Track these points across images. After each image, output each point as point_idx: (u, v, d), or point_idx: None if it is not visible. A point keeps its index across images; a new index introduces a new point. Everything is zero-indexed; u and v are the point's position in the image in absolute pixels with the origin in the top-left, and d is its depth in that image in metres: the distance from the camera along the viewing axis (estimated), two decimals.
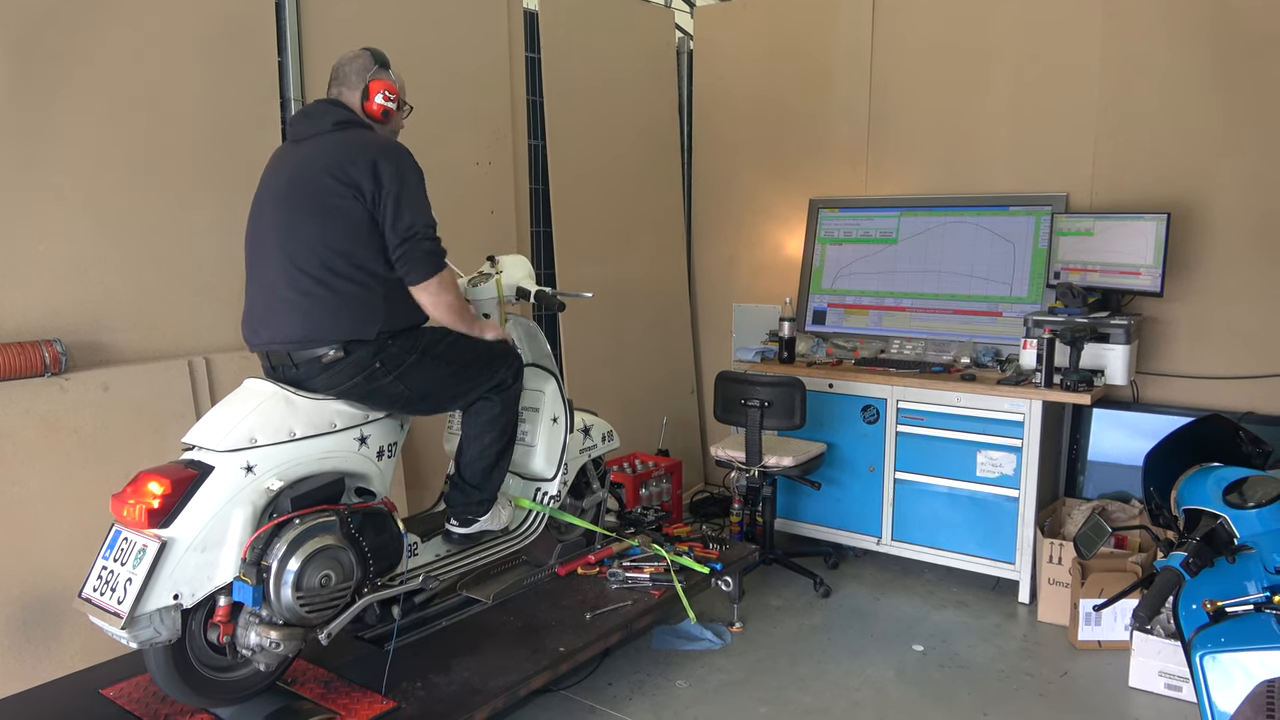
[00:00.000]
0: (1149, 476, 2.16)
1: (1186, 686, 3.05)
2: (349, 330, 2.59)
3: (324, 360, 2.59)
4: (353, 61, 2.75)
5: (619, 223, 4.95)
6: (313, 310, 2.57)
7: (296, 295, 2.58)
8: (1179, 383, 4.06)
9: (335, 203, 2.56)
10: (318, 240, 2.57)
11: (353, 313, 2.59)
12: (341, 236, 2.57)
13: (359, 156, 2.58)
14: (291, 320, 2.58)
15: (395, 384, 2.68)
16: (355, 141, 2.64)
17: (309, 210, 2.58)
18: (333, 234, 2.57)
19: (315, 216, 2.57)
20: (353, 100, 2.75)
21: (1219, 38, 3.87)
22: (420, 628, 3.05)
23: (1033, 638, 3.64)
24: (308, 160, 2.63)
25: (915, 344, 4.48)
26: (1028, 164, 4.37)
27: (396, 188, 2.58)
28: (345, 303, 2.58)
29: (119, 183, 3.04)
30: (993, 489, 3.95)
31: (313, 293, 2.57)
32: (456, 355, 2.81)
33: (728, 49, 5.27)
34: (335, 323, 2.58)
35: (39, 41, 2.83)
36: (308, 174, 2.61)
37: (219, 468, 2.36)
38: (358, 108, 2.74)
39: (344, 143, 2.63)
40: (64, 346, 2.83)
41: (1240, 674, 1.76)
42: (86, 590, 2.28)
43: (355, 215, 2.57)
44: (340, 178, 2.56)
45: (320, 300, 2.57)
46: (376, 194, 2.57)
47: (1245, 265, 3.90)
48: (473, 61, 4.15)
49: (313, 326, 2.57)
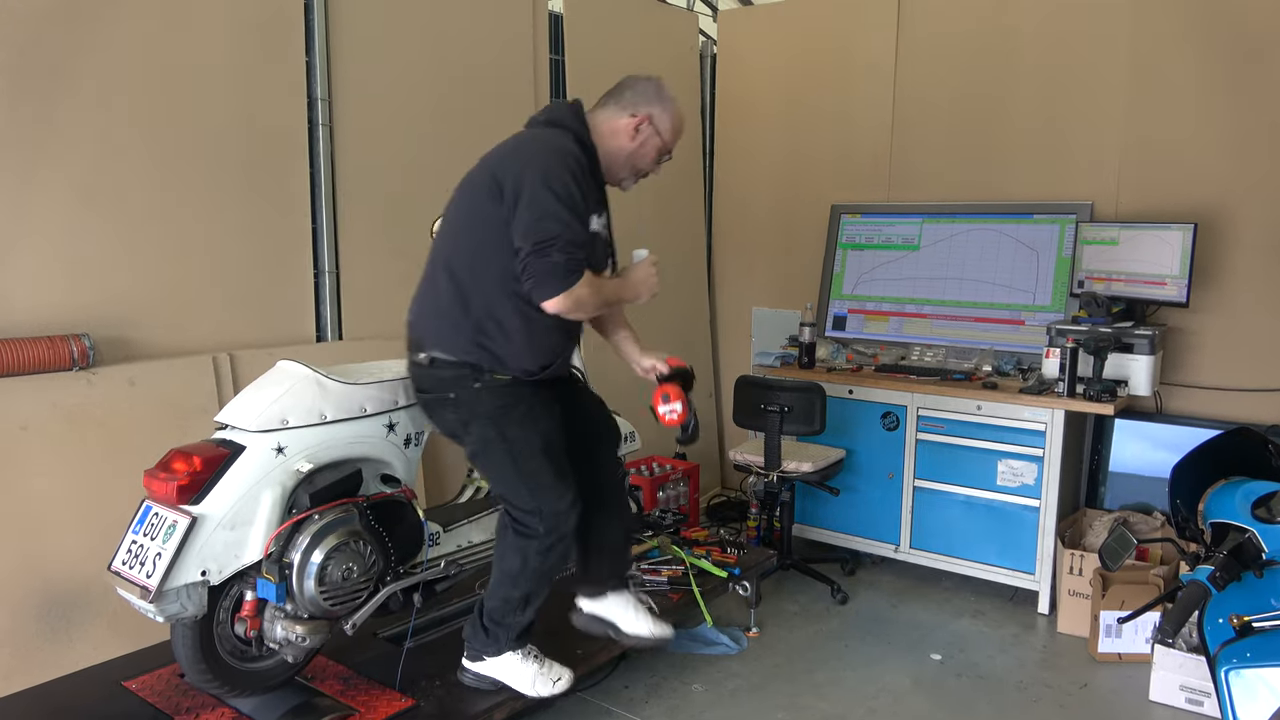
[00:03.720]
0: (1176, 489, 2.14)
1: (1208, 701, 3.03)
2: (435, 342, 2.50)
3: (416, 359, 2.55)
4: (633, 80, 2.61)
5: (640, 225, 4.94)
6: (423, 303, 2.54)
7: (425, 282, 2.55)
8: (1203, 394, 4.02)
9: (480, 201, 2.42)
10: (456, 233, 2.48)
11: (449, 325, 2.47)
12: (476, 238, 2.43)
13: (515, 153, 2.43)
14: (414, 304, 2.58)
15: (461, 427, 2.55)
16: (525, 138, 2.50)
17: (460, 200, 2.51)
18: (470, 235, 2.45)
19: (462, 209, 2.49)
20: (598, 111, 2.59)
21: (1245, 47, 3.84)
22: (439, 626, 3.07)
23: (1052, 649, 3.61)
24: (491, 152, 2.52)
25: (936, 351, 4.46)
26: (1052, 172, 4.34)
27: (532, 189, 2.33)
28: (445, 311, 2.47)
29: (146, 181, 3.07)
30: (1013, 498, 3.92)
31: (433, 285, 2.51)
32: (519, 450, 2.51)
33: (750, 53, 5.27)
34: (435, 328, 2.51)
35: (68, 38, 2.86)
36: (480, 166, 2.51)
37: (250, 447, 2.38)
38: (598, 122, 2.56)
39: (520, 139, 2.51)
40: (92, 341, 2.86)
41: (1265, 690, 1.74)
42: (115, 564, 2.31)
43: (493, 220, 2.38)
44: (493, 174, 2.41)
45: (430, 296, 2.53)
46: (515, 197, 2.35)
47: (1272, 276, 3.86)
48: (497, 62, 4.17)
49: (415, 320, 2.55)
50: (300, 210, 3.50)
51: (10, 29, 2.73)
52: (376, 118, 3.71)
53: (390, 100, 3.76)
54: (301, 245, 3.52)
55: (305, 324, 3.55)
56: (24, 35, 2.76)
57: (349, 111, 3.61)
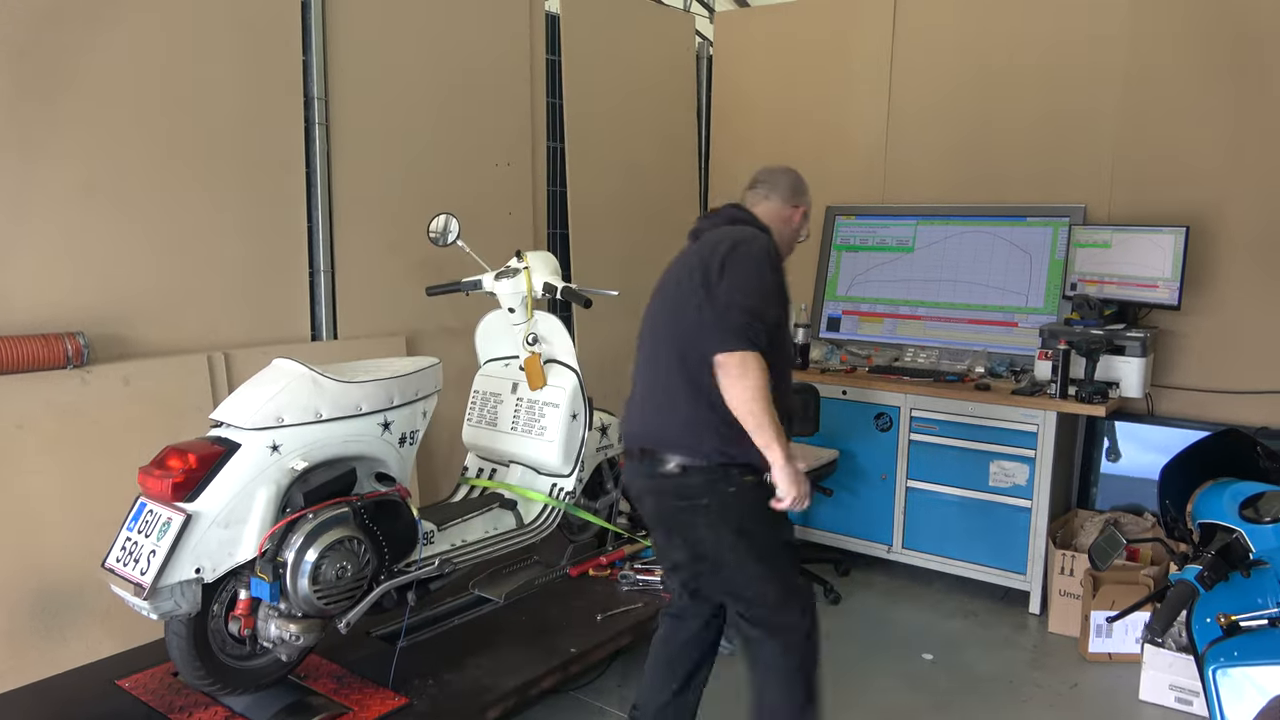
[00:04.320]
0: (1165, 489, 2.16)
1: (1197, 700, 3.04)
2: (688, 448, 2.37)
3: (664, 470, 2.39)
4: (785, 175, 2.65)
5: (636, 225, 4.96)
6: (658, 409, 2.42)
7: (651, 387, 2.46)
8: (1194, 396, 4.05)
9: (689, 288, 2.36)
10: (684, 334, 2.37)
11: (695, 429, 2.34)
12: (688, 329, 2.35)
13: (722, 240, 2.40)
14: (643, 411, 2.47)
15: (711, 533, 2.40)
16: (725, 234, 2.45)
17: (677, 300, 2.42)
18: (680, 327, 2.38)
19: (687, 309, 2.37)
20: (764, 203, 2.60)
21: (1239, 51, 3.86)
22: (433, 625, 3.07)
23: (1043, 649, 3.63)
24: (690, 251, 2.49)
25: (930, 353, 4.48)
26: (1046, 175, 4.36)
27: (733, 267, 2.33)
28: (688, 415, 2.35)
29: (143, 179, 3.07)
30: (1005, 499, 3.94)
31: (667, 390, 2.40)
32: (770, 550, 2.43)
33: (746, 55, 5.28)
34: (679, 434, 2.37)
35: (65, 36, 2.86)
36: (685, 260, 2.47)
37: (245, 445, 2.39)
38: (769, 215, 2.58)
39: (720, 235, 2.45)
40: (86, 339, 2.87)
41: (1252, 689, 1.75)
42: (110, 560, 2.31)
43: (698, 302, 2.33)
44: (704, 256, 2.38)
45: (666, 400, 2.40)
46: (717, 273, 2.32)
47: (1263, 280, 3.88)
48: (494, 63, 4.18)
49: (652, 428, 2.43)
50: (296, 209, 3.50)
51: (9, 29, 2.74)
52: (373, 117, 3.72)
53: (387, 100, 3.77)
54: (297, 244, 3.52)
55: (300, 323, 3.55)
56: (23, 35, 2.77)
57: (345, 111, 3.62)
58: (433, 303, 3.59)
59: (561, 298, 3.18)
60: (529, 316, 3.23)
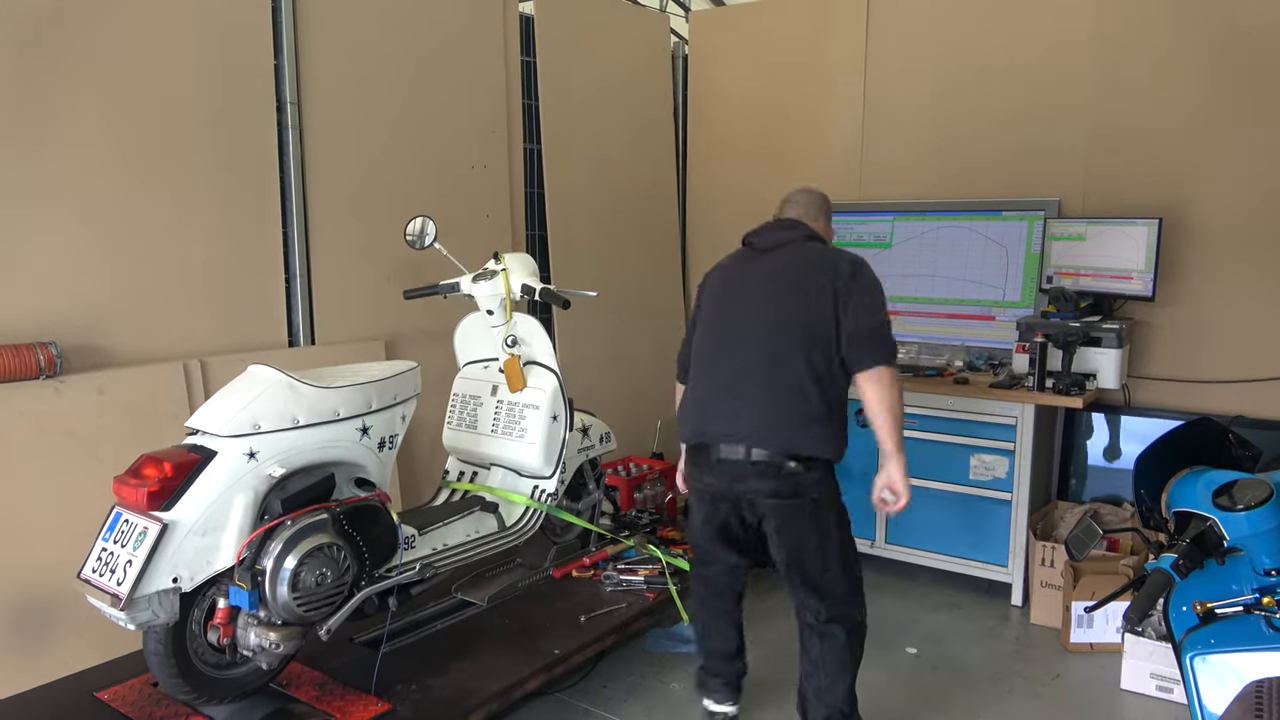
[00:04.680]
0: (1140, 479, 2.17)
1: (1178, 688, 3.07)
2: (813, 445, 2.56)
3: (784, 469, 2.55)
4: (825, 200, 2.93)
5: (614, 226, 4.96)
6: (780, 407, 2.56)
7: (774, 394, 2.57)
8: (1169, 386, 4.09)
9: (816, 300, 2.57)
10: (801, 338, 2.57)
11: (820, 426, 2.57)
12: (819, 337, 2.57)
13: (838, 260, 2.65)
14: (760, 409, 2.57)
15: (811, 526, 2.62)
16: (826, 249, 2.74)
17: (792, 302, 2.61)
18: (812, 334, 2.57)
19: (802, 314, 2.58)
20: (820, 224, 2.86)
21: (1211, 45, 3.90)
22: (415, 630, 3.06)
23: (1025, 640, 3.65)
24: (789, 263, 2.69)
25: (908, 348, 4.50)
26: (1021, 169, 4.39)
27: (863, 289, 2.59)
28: (813, 412, 2.55)
29: (114, 186, 3.04)
30: (985, 492, 3.96)
31: (789, 387, 2.56)
32: (849, 543, 2.72)
33: (722, 54, 5.29)
34: (806, 432, 2.55)
35: (34, 42, 2.83)
36: (793, 272, 2.66)
37: (222, 452, 2.36)
38: (821, 230, 2.84)
39: (818, 249, 2.73)
40: (59, 349, 2.84)
41: (1230, 675, 1.77)
42: (85, 571, 2.28)
43: (826, 315, 2.56)
44: (824, 273, 2.60)
45: (785, 399, 2.56)
46: (846, 291, 2.57)
47: (1235, 270, 3.93)
48: (469, 65, 4.16)
49: (775, 427, 2.56)
50: (271, 215, 3.48)
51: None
52: (347, 121, 3.70)
53: (361, 104, 3.75)
54: (272, 250, 3.50)
55: (277, 329, 3.53)
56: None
57: (319, 115, 3.60)
58: (411, 306, 3.57)
59: (540, 299, 3.18)
60: (508, 318, 3.22)
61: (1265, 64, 3.79)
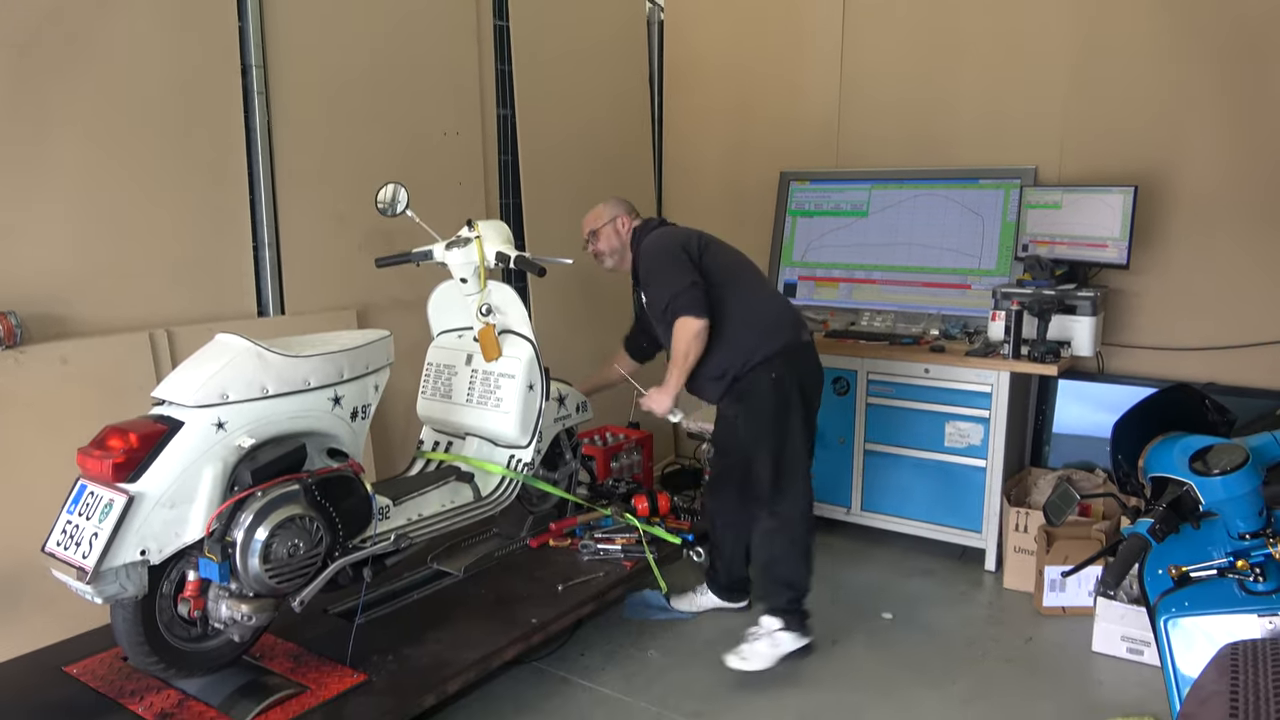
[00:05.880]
0: (1117, 444, 2.18)
1: (1149, 650, 3.12)
2: None
3: None
4: None
5: (589, 193, 4.87)
6: None
7: None
8: (1144, 354, 4.12)
9: None
10: None
11: None
12: None
13: None
14: None
15: None
16: None
17: None
18: None
19: None
20: None
21: (1187, 14, 3.89)
22: (391, 601, 3.04)
23: (999, 605, 3.69)
24: None
25: (885, 316, 4.50)
26: (997, 137, 4.38)
27: None
28: None
29: (77, 152, 2.95)
30: (961, 459, 3.99)
31: None
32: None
33: (698, 20, 5.22)
34: None
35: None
36: None
37: (189, 423, 2.31)
38: None
39: None
40: (19, 319, 2.75)
41: (1203, 638, 1.79)
42: (50, 545, 2.24)
43: None
44: None
45: None
46: None
47: (1209, 238, 3.95)
48: (441, 29, 4.07)
49: None
50: (237, 181, 3.39)
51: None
52: (315, 86, 3.61)
53: (329, 68, 3.65)
54: (240, 217, 3.41)
55: (246, 298, 3.46)
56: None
57: (286, 79, 3.50)
58: (384, 275, 3.51)
59: (515, 266, 3.13)
60: (482, 287, 3.17)
61: (1240, 33, 3.78)
